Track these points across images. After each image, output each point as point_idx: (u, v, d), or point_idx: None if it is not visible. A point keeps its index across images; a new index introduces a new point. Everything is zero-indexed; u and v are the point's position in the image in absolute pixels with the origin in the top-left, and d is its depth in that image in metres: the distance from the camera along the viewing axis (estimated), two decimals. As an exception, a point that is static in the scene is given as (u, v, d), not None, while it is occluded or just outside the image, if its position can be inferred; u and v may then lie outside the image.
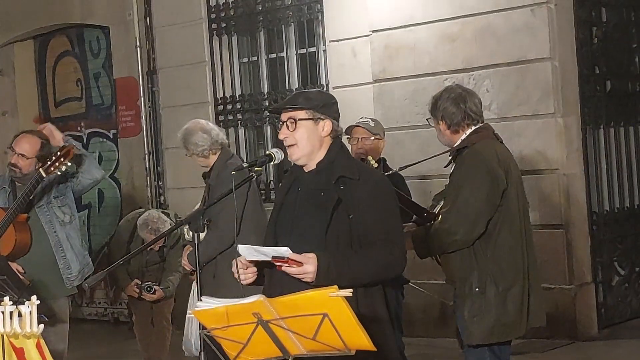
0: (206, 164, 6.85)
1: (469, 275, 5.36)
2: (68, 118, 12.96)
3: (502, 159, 5.46)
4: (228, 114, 11.07)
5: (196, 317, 3.77)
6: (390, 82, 9.52)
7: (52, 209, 6.87)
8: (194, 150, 6.81)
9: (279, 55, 10.73)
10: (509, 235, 5.39)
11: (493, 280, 5.33)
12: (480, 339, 5.38)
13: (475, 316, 5.35)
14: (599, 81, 9.33)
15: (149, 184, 11.68)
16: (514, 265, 5.39)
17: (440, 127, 5.55)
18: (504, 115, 8.83)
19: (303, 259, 4.04)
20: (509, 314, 5.35)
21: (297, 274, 4.06)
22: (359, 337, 3.59)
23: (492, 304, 5.33)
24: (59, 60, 13.05)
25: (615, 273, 9.35)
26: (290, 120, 4.38)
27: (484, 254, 5.35)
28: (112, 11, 11.85)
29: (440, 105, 5.53)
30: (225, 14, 11.02)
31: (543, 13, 8.66)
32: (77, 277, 6.89)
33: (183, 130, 6.91)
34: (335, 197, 4.26)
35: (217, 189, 6.50)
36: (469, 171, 5.38)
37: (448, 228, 5.33)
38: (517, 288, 5.37)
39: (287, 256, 4.03)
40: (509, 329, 5.40)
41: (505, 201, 5.39)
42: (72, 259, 6.87)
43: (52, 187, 6.89)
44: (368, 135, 7.15)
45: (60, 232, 6.86)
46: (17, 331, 3.71)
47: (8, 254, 6.68)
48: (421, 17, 9.26)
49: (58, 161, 6.51)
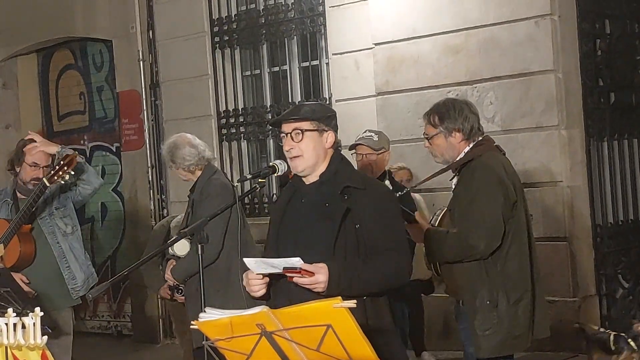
0: (190, 178, 6.85)
1: (480, 288, 5.30)
2: (71, 131, 12.97)
3: (509, 171, 5.42)
4: (231, 127, 11.07)
5: (199, 329, 3.76)
6: (393, 95, 9.51)
7: (54, 219, 6.87)
8: (180, 164, 6.80)
9: (281, 68, 10.73)
10: (518, 248, 5.36)
11: (504, 293, 5.28)
12: (490, 353, 5.34)
13: (487, 330, 5.29)
14: (602, 93, 9.32)
15: (152, 197, 11.68)
16: (523, 278, 5.36)
17: (452, 139, 5.40)
18: (507, 127, 8.82)
19: (315, 269, 4.04)
20: (520, 326, 5.32)
21: (308, 284, 4.05)
22: (363, 348, 3.58)
23: (504, 317, 5.29)
24: (62, 73, 13.07)
25: (619, 286, 9.32)
26: (296, 132, 4.37)
27: (494, 266, 5.29)
28: (115, 24, 11.87)
29: (460, 116, 5.38)
30: (228, 27, 11.03)
31: (547, 25, 8.66)
32: (82, 287, 6.89)
33: (170, 143, 6.89)
34: (344, 207, 4.25)
35: (201, 204, 6.52)
36: (481, 183, 5.29)
37: (468, 240, 5.22)
38: (526, 300, 5.35)
39: (299, 267, 4.02)
40: (519, 341, 5.37)
41: (515, 213, 5.36)
42: (76, 270, 6.87)
43: (53, 198, 6.89)
44: (372, 151, 7.13)
45: (63, 242, 6.86)
46: (21, 343, 3.70)
47: (13, 264, 6.68)
48: (424, 30, 9.26)
49: (62, 170, 6.49)
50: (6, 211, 6.86)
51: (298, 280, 4.07)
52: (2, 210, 6.89)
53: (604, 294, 9.10)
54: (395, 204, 4.46)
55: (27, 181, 6.77)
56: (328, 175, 4.39)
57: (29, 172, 6.78)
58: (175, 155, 6.80)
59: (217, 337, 3.72)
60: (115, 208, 12.50)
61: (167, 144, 6.91)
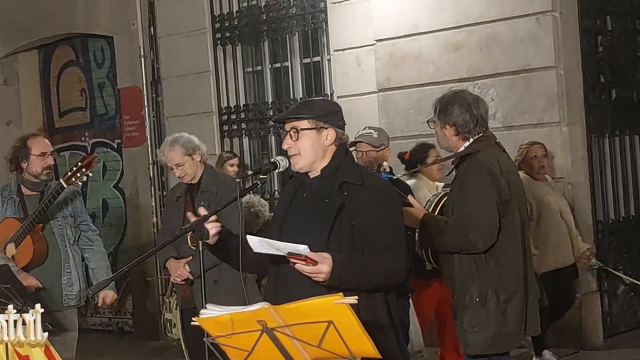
0: (193, 173, 6.80)
1: (470, 285, 5.32)
2: (72, 128, 12.97)
3: (505, 169, 5.40)
4: (232, 123, 11.06)
5: (201, 325, 3.76)
6: (394, 91, 9.51)
7: (66, 224, 6.87)
8: (199, 150, 6.76)
9: (283, 64, 10.72)
10: (511, 247, 5.36)
11: (494, 291, 5.29)
12: (479, 350, 5.35)
13: (475, 327, 5.32)
14: (604, 90, 9.33)
15: (153, 193, 11.67)
16: (516, 276, 5.35)
17: (446, 131, 5.47)
18: (509, 124, 8.82)
19: (319, 259, 4.03)
20: (508, 325, 5.32)
21: (310, 273, 4.04)
22: (365, 344, 3.58)
23: (492, 315, 5.29)
24: (63, 70, 13.05)
25: (621, 282, 9.33)
26: (293, 130, 4.40)
27: (485, 264, 5.30)
28: (117, 21, 11.86)
29: (453, 111, 5.43)
30: (229, 23, 11.03)
31: (548, 22, 8.65)
32: (76, 297, 6.89)
33: (175, 137, 6.85)
34: (339, 202, 4.26)
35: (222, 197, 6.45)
36: (474, 180, 5.32)
37: (468, 235, 5.22)
38: (517, 299, 5.34)
39: (305, 254, 4.01)
40: (508, 340, 5.36)
41: (508, 211, 5.36)
42: (75, 279, 6.87)
43: (67, 204, 6.89)
44: (372, 148, 7.13)
45: (69, 248, 6.87)
46: (22, 339, 3.71)
47: (27, 264, 6.70)
48: (426, 26, 9.26)
49: (80, 171, 6.51)
50: (12, 208, 6.86)
51: (301, 268, 4.05)
52: (9, 208, 6.88)
53: (605, 290, 9.11)
54: (394, 200, 4.45)
55: (39, 172, 6.79)
56: (329, 171, 4.40)
57: (39, 163, 6.80)
58: (191, 144, 6.74)
59: (218, 334, 3.72)
60: (116, 205, 12.49)
61: (173, 138, 6.82)
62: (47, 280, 6.74)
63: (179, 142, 6.78)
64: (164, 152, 6.85)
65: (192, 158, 6.76)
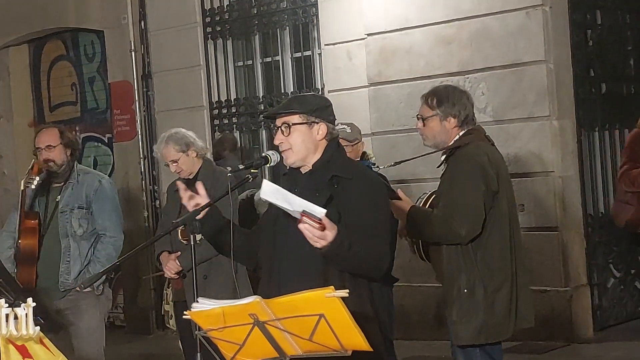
0: (189, 168, 6.80)
1: (457, 277, 5.36)
2: (63, 122, 12.87)
3: (493, 162, 5.44)
4: (223, 117, 11.07)
5: (192, 318, 3.77)
6: (385, 85, 9.52)
7: (72, 217, 6.82)
8: (194, 146, 6.77)
9: (274, 58, 10.72)
10: (499, 238, 5.39)
11: (482, 282, 5.33)
12: (468, 340, 5.40)
13: (464, 317, 5.36)
14: (594, 84, 9.34)
15: (144, 188, 11.67)
16: (503, 267, 5.39)
17: (447, 123, 5.43)
18: (499, 118, 8.84)
19: (329, 227, 3.99)
20: (496, 315, 5.36)
21: (317, 236, 3.98)
22: (356, 337, 3.60)
23: (480, 305, 5.34)
24: (53, 64, 13.03)
25: (611, 275, 9.36)
26: (285, 125, 4.41)
27: (473, 255, 5.34)
28: (107, 15, 11.84)
29: (459, 102, 5.43)
30: (220, 17, 11.02)
31: (538, 16, 8.67)
32: (73, 282, 6.87)
33: (170, 133, 6.85)
34: (327, 194, 4.27)
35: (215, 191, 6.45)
36: (463, 171, 5.35)
37: (451, 224, 5.26)
38: (505, 290, 5.37)
39: (320, 217, 3.96)
40: (497, 330, 5.40)
41: (496, 203, 5.39)
42: (73, 267, 6.81)
43: (83, 196, 6.86)
44: (347, 143, 7.13)
45: (71, 239, 6.80)
46: (13, 334, 3.71)
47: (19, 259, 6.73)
48: (416, 20, 9.27)
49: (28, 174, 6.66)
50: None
51: (309, 229, 3.96)
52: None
53: (595, 283, 9.13)
54: (382, 193, 4.46)
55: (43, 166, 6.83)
56: (320, 165, 4.41)
57: (40, 158, 6.84)
58: (185, 139, 6.75)
59: (209, 327, 3.73)
60: (108, 199, 12.46)
61: (168, 135, 6.83)
62: (45, 273, 6.73)
63: (172, 138, 6.81)
64: (159, 148, 6.89)
65: (187, 154, 6.78)
